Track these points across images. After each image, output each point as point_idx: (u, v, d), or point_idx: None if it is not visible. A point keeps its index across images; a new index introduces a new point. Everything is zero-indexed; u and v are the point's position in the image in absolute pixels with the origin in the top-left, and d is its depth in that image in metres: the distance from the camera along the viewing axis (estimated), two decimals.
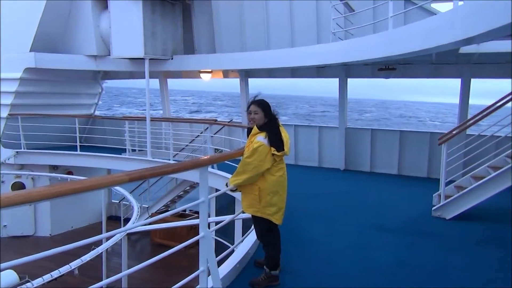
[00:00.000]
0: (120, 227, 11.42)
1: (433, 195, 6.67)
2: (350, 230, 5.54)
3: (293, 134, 10.92)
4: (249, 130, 3.67)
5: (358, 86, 10.75)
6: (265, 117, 3.59)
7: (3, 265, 2.07)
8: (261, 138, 3.48)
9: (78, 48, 11.38)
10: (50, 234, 11.69)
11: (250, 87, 11.22)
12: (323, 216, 6.29)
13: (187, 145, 11.91)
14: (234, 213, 7.83)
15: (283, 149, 3.53)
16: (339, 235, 5.35)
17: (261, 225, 3.65)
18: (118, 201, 13.28)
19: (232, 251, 4.12)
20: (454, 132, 6.33)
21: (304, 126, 11.58)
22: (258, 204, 3.52)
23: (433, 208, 6.15)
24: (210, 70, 11.36)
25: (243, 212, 3.75)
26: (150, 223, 5.16)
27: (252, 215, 3.65)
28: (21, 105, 11.33)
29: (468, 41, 4.04)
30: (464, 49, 6.54)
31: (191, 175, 8.92)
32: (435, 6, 8.62)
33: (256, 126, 3.58)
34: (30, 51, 10.86)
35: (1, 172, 10.76)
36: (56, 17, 11.03)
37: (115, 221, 12.41)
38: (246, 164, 3.46)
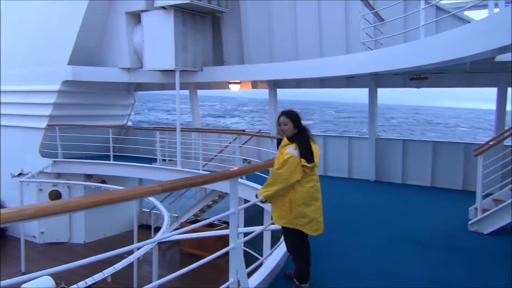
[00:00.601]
0: (151, 236, 11.64)
1: (469, 208, 6.43)
2: (380, 244, 5.41)
3: (322, 145, 10.84)
4: (279, 141, 3.68)
5: (389, 92, 10.60)
6: (295, 128, 3.59)
7: (43, 272, 2.15)
8: (291, 150, 3.48)
9: (112, 61, 11.80)
10: (84, 241, 12.03)
11: (278, 93, 11.26)
12: (353, 228, 6.18)
13: (216, 155, 12.03)
14: (262, 224, 7.82)
15: (313, 161, 3.52)
16: (369, 248, 5.24)
17: (292, 237, 3.63)
18: (149, 210, 13.53)
19: (262, 263, 4.11)
20: (490, 144, 6.10)
21: (333, 136, 11.47)
22: (289, 215, 3.51)
23: (469, 222, 5.92)
24: (239, 81, 11.49)
25: (273, 223, 3.75)
26: (180, 233, 5.21)
27: (282, 227, 3.64)
28: (59, 116, 11.82)
29: (504, 49, 3.92)
30: (500, 57, 6.33)
31: (220, 185, 9.02)
32: (468, 14, 8.40)
33: (286, 137, 3.59)
34: (68, 64, 11.34)
35: (40, 180, 11.22)
36: (92, 32, 11.49)
37: (146, 229, 12.63)
38: (276, 175, 3.46)
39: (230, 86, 11.85)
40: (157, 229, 11.84)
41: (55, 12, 11.68)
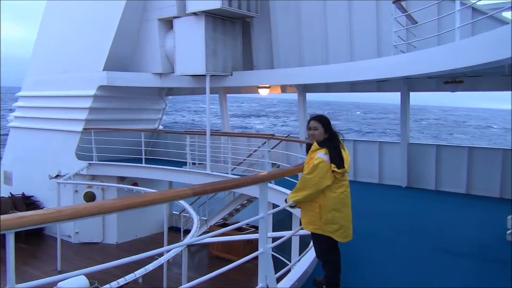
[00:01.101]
0: (180, 238, 11.83)
1: (508, 217, 6.14)
2: (412, 252, 5.26)
3: (352, 149, 10.68)
4: (309, 146, 3.66)
5: (422, 93, 10.33)
6: (325, 133, 3.56)
7: (79, 271, 2.24)
8: (321, 154, 3.45)
9: (145, 67, 12.12)
10: (116, 242, 12.36)
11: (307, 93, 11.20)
12: (383, 235, 6.05)
13: (244, 160, 12.09)
14: (290, 229, 7.78)
15: (344, 166, 3.48)
16: (400, 257, 5.11)
17: (321, 243, 3.59)
18: (178, 213, 13.74)
19: (290, 269, 4.09)
20: None
21: (363, 141, 11.30)
22: (318, 221, 3.47)
23: (507, 232, 5.67)
24: (268, 86, 11.52)
25: (302, 229, 3.72)
26: (210, 237, 5.27)
27: (312, 233, 3.61)
28: (94, 120, 12.23)
29: None
30: None
31: (249, 190, 9.05)
32: (506, 15, 8.08)
33: (316, 142, 3.56)
34: (103, 70, 11.74)
35: (75, 182, 11.63)
36: (126, 39, 11.86)
37: (175, 231, 12.83)
38: (306, 180, 3.44)
39: (260, 90, 11.89)
40: (186, 231, 12.03)
41: (92, 21, 12.15)
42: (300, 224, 3.71)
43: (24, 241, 10.79)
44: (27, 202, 12.81)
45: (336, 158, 3.45)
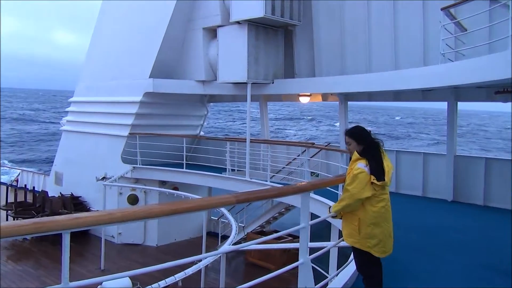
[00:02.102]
0: (218, 243, 11.95)
1: None
2: (457, 270, 5.02)
3: (395, 160, 10.38)
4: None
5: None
6: (359, 145, 3.50)
7: (124, 273, 2.33)
8: (361, 165, 3.39)
9: (188, 74, 12.46)
10: (156, 244, 12.68)
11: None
12: (427, 251, 5.81)
13: (283, 167, 12.07)
14: (329, 239, 7.66)
15: (384, 179, 3.39)
16: (444, 274, 4.88)
17: (361, 256, 3.51)
18: (217, 218, 13.90)
19: (328, 282, 4.02)
20: None
21: (406, 152, 10.98)
22: (357, 235, 3.41)
23: None
24: (309, 94, 11.47)
25: (343, 240, 3.67)
26: (250, 245, 5.30)
27: (352, 246, 3.55)
28: (139, 125, 12.70)
29: None
30: None
31: (288, 198, 9.01)
32: None
33: (357, 151, 3.51)
34: (149, 77, 12.18)
35: (120, 184, 12.09)
36: (172, 47, 12.26)
37: (213, 236, 12.98)
38: (345, 191, 3.41)
39: (300, 98, 11.88)
40: (224, 237, 12.15)
41: (140, 30, 12.67)
42: (341, 236, 3.65)
43: (71, 239, 11.31)
44: (75, 202, 13.45)
45: (377, 170, 3.37)
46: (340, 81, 9.99)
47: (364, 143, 3.49)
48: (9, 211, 13.36)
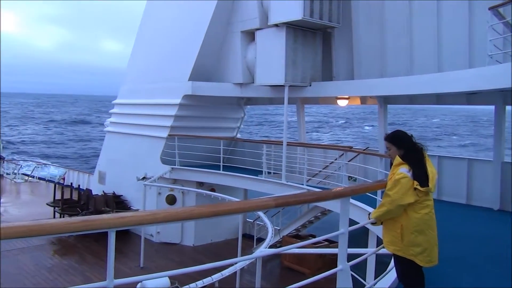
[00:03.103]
0: (253, 246, 11.98)
1: None
2: (505, 285, 4.75)
3: (437, 166, 10.00)
4: (392, 163, 3.53)
5: None
6: (399, 150, 3.40)
7: (164, 273, 2.39)
8: (404, 170, 3.30)
9: (226, 77, 12.63)
10: (193, 244, 12.91)
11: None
12: (472, 263, 5.54)
13: (320, 171, 11.95)
14: (366, 246, 7.48)
15: (428, 185, 3.28)
16: (487, 286, 4.64)
17: (403, 265, 3.41)
18: (252, 220, 13.96)
19: None
20: None
21: (450, 157, 10.55)
22: (400, 242, 3.31)
23: None
24: (347, 97, 11.29)
25: (383, 248, 3.57)
26: (286, 249, 5.29)
27: (393, 254, 3.45)
28: (178, 127, 12.99)
29: None
30: None
31: (325, 202, 8.90)
32: None
33: (399, 156, 3.42)
34: (188, 80, 12.45)
35: (159, 185, 12.42)
36: (210, 50, 12.48)
37: (248, 239, 13.03)
38: (387, 196, 3.32)
39: (338, 101, 11.72)
40: (259, 239, 12.17)
41: (180, 34, 13.00)
42: (379, 243, 3.57)
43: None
44: (117, 201, 13.95)
45: (421, 175, 3.27)
46: (380, 84, 9.78)
47: (405, 147, 3.40)
48: (56, 208, 14.06)
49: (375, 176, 8.73)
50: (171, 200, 12.81)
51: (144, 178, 12.78)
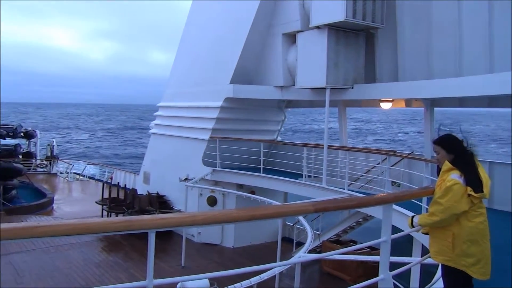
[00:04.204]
0: (292, 249, 11.89)
1: None
2: None
3: (488, 172, 9.42)
4: (439, 169, 3.36)
5: None
6: (449, 154, 3.23)
7: (204, 275, 2.41)
8: (455, 176, 3.12)
9: (267, 80, 12.65)
10: (232, 246, 13.02)
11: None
12: None
13: (362, 176, 11.66)
14: (410, 254, 7.20)
15: (482, 191, 3.09)
16: None
17: (453, 277, 3.22)
18: (292, 224, 13.87)
19: None
20: None
21: (502, 163, 9.93)
22: (451, 252, 3.13)
23: None
24: (391, 99, 10.96)
25: (430, 257, 3.41)
26: (328, 255, 5.19)
27: (442, 264, 3.28)
28: (219, 130, 13.18)
29: None
30: None
31: (367, 208, 8.67)
32: None
33: (448, 161, 3.24)
34: (230, 83, 12.60)
35: (201, 186, 12.64)
36: (252, 53, 12.57)
37: (287, 242, 12.94)
38: (437, 204, 3.14)
39: (381, 104, 11.41)
40: (298, 243, 12.05)
41: (222, 37, 13.20)
42: (424, 252, 3.40)
43: (157, 236, 12.12)
44: (160, 201, 14.36)
45: (474, 180, 3.09)
46: (426, 86, 9.39)
47: (455, 152, 3.22)
48: (104, 206, 14.70)
49: (421, 182, 8.39)
50: (212, 201, 13.00)
51: (186, 179, 13.06)
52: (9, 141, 26.89)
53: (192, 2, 15.33)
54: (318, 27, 10.40)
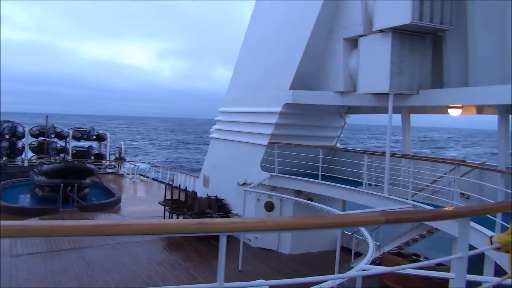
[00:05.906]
0: (351, 260, 11.57)
1: None
2: None
3: None
4: None
5: None
6: None
7: (262, 281, 2.42)
8: None
9: (327, 85, 12.49)
10: (289, 252, 12.94)
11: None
12: None
13: (427, 186, 11.08)
14: (481, 272, 6.69)
15: None
16: None
17: None
18: (350, 233, 13.52)
19: None
20: None
21: None
22: None
23: None
24: (460, 105, 10.33)
25: (510, 278, 3.15)
26: (394, 270, 4.98)
27: None
28: (278, 135, 13.23)
29: None
30: None
31: (437, 222, 8.20)
32: None
33: None
34: (289, 88, 12.62)
35: (259, 191, 12.75)
36: (312, 58, 12.50)
37: (345, 252, 12.62)
38: None
39: (450, 110, 10.76)
40: (357, 254, 11.71)
41: (282, 43, 13.28)
42: (499, 271, 3.15)
43: (215, 239, 12.43)
44: (219, 204, 14.68)
45: None
46: (499, 91, 8.73)
47: None
48: (166, 207, 15.34)
49: (493, 194, 7.81)
50: (269, 207, 13.04)
51: (244, 183, 13.24)
52: (83, 143, 29.30)
53: (254, 7, 15.60)
54: (381, 31, 10.10)
